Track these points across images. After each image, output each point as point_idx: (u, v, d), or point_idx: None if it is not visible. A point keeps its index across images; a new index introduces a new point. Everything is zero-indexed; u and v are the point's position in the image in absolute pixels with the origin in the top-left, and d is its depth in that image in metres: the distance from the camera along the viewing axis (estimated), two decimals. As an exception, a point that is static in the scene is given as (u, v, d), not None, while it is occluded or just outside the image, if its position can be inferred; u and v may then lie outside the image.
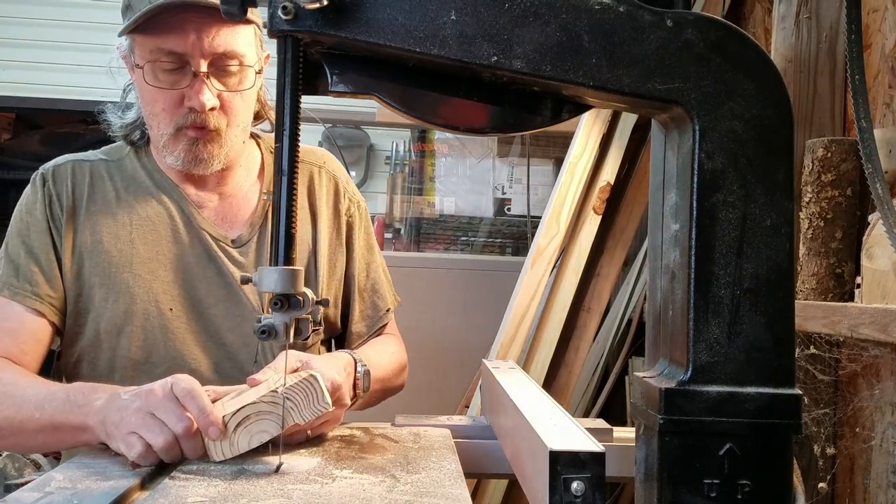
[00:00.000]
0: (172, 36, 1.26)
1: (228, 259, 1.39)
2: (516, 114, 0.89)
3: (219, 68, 1.29)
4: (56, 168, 1.41)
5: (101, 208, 1.38)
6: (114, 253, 1.35)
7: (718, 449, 0.77)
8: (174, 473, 0.94)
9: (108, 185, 1.40)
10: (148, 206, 1.39)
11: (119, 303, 1.33)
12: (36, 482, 0.90)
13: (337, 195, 1.53)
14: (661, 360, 0.86)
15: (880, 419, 1.44)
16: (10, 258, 1.34)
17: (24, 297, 1.31)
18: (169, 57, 1.27)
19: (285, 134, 0.86)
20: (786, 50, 1.74)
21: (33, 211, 1.37)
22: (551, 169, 3.24)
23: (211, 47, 1.27)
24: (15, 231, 1.37)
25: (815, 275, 1.50)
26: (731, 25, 0.81)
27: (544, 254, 2.25)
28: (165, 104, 1.30)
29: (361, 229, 1.55)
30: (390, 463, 0.99)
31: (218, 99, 1.30)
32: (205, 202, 1.42)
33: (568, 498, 0.76)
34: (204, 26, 1.25)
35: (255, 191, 1.47)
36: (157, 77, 1.29)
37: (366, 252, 1.55)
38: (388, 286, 1.58)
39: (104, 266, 1.35)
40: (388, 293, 1.57)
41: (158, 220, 1.38)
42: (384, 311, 1.54)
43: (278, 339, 0.90)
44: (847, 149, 1.50)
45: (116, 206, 1.38)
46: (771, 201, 0.79)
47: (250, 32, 1.34)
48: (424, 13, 0.80)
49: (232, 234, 1.42)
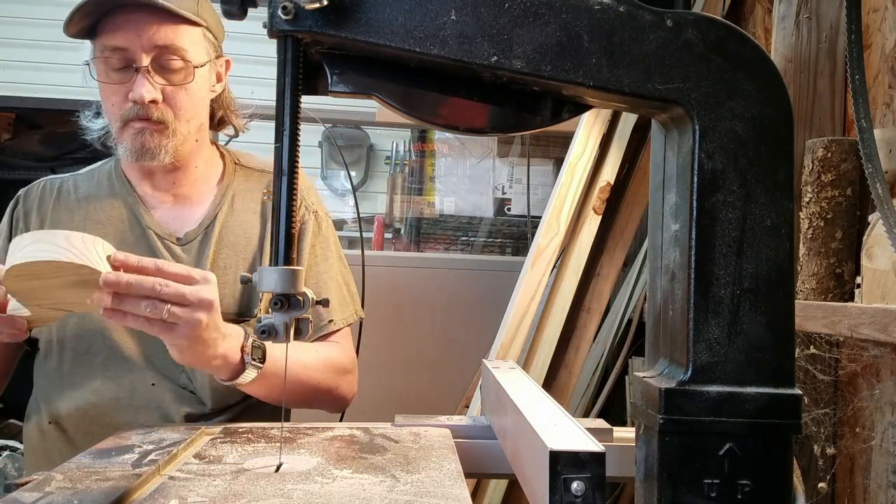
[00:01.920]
0: (117, 34, 1.35)
1: (170, 255, 1.46)
2: (516, 114, 0.89)
3: (161, 64, 1.37)
4: (30, 188, 1.54)
5: (62, 217, 1.48)
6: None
7: (718, 449, 0.77)
8: (174, 473, 0.94)
9: (72, 196, 1.51)
10: (101, 210, 1.49)
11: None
12: (36, 482, 0.90)
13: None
14: (661, 360, 0.86)
15: (880, 419, 1.44)
16: None
17: None
18: (115, 54, 1.36)
19: (285, 134, 0.86)
20: (786, 50, 1.74)
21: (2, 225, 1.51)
22: (551, 169, 3.24)
23: (151, 41, 1.35)
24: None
25: (815, 275, 1.50)
26: (732, 25, 0.81)
27: (544, 254, 2.24)
28: (114, 100, 1.39)
29: (312, 237, 1.54)
30: (390, 463, 0.99)
31: (161, 93, 1.38)
32: (158, 203, 1.51)
33: (568, 498, 0.76)
34: (145, 23, 1.35)
35: (210, 195, 1.54)
36: (108, 75, 1.38)
37: (319, 261, 1.54)
38: (338, 298, 1.55)
39: None
40: (339, 306, 1.54)
41: (109, 222, 1.47)
42: (326, 321, 1.51)
43: (278, 338, 0.91)
44: (847, 149, 1.49)
45: (75, 214, 1.49)
46: (771, 201, 0.79)
47: (197, 34, 1.42)
48: (424, 13, 0.80)
49: (179, 232, 1.49)
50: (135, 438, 1.11)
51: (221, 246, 1.48)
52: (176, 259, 1.45)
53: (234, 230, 1.50)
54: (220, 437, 1.13)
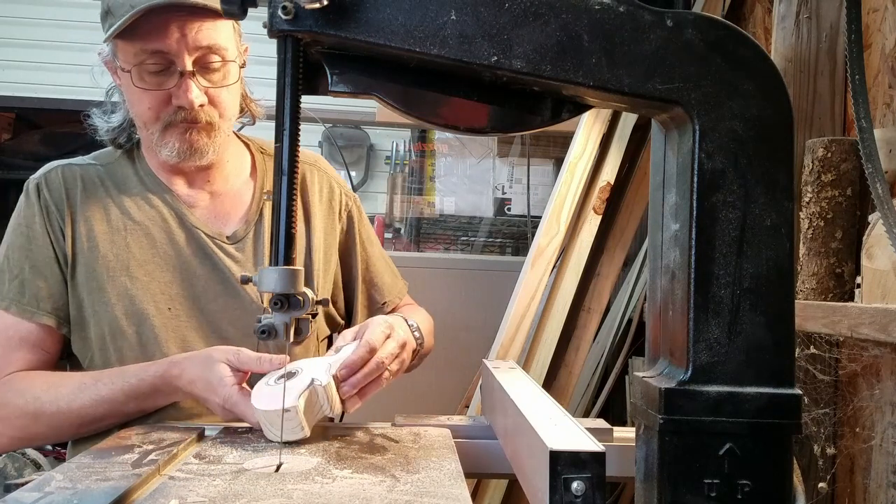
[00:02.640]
0: (156, 37, 1.28)
1: (225, 255, 1.41)
2: (516, 114, 0.89)
3: (203, 66, 1.32)
4: (47, 176, 1.42)
5: (95, 213, 1.39)
6: (110, 258, 1.37)
7: (718, 449, 0.77)
8: (174, 473, 0.94)
9: (100, 189, 1.42)
10: (140, 209, 1.41)
11: (118, 306, 1.35)
12: (36, 482, 0.89)
13: (332, 192, 1.56)
14: (661, 359, 0.86)
15: (880, 419, 1.44)
16: (14, 273, 1.36)
17: (33, 313, 1.34)
18: (154, 58, 1.29)
19: (285, 134, 0.86)
20: (786, 50, 1.74)
21: (32, 225, 1.38)
22: (551, 169, 3.24)
23: (195, 42, 1.29)
24: (17, 245, 1.38)
25: (815, 275, 1.50)
26: (732, 25, 0.81)
27: (544, 254, 2.24)
28: (152, 104, 1.33)
29: (360, 224, 1.59)
30: (390, 463, 0.99)
31: (206, 95, 1.33)
32: (196, 201, 1.45)
33: (568, 498, 0.76)
34: (186, 24, 1.28)
35: (248, 189, 1.50)
36: (144, 79, 1.31)
37: (367, 245, 1.59)
38: (388, 276, 1.63)
39: (102, 271, 1.36)
40: (388, 284, 1.62)
41: (152, 222, 1.40)
42: (380, 304, 1.60)
43: (278, 338, 0.91)
44: (847, 149, 1.49)
45: (110, 211, 1.40)
46: (771, 201, 0.79)
47: (229, 27, 1.37)
48: (424, 13, 0.80)
49: (227, 230, 1.45)
50: (135, 438, 1.11)
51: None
52: (232, 259, 1.42)
53: None
54: (220, 438, 1.13)
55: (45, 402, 1.26)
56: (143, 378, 1.25)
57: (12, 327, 1.34)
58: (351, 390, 1.16)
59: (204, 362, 1.20)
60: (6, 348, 1.33)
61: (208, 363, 1.20)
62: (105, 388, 1.26)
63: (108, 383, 1.26)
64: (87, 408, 1.25)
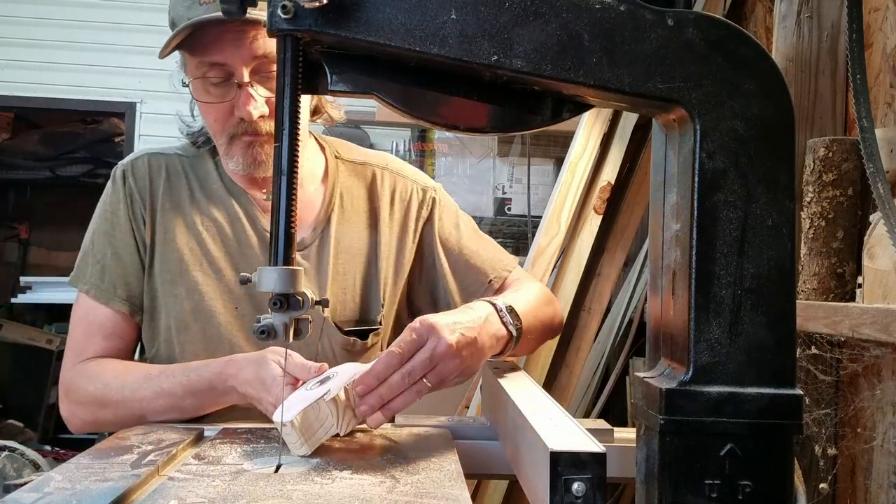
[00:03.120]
0: (213, 49, 1.28)
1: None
2: (517, 113, 0.88)
3: (262, 75, 1.31)
4: (134, 163, 1.44)
5: (174, 206, 1.41)
6: (185, 251, 1.38)
7: (719, 449, 0.77)
8: (173, 474, 0.94)
9: (182, 182, 1.43)
10: (217, 208, 1.42)
11: (187, 300, 1.37)
12: (35, 483, 0.89)
13: (405, 193, 1.52)
14: (662, 360, 0.85)
15: (881, 419, 1.44)
16: (97, 258, 1.39)
17: (110, 299, 1.37)
18: (214, 70, 1.30)
19: (285, 134, 0.85)
20: (787, 49, 1.74)
21: (117, 211, 1.41)
22: (552, 168, 3.24)
23: (251, 52, 1.28)
24: (102, 230, 1.41)
25: (817, 275, 1.50)
26: (733, 24, 0.80)
27: (545, 253, 2.24)
28: (216, 116, 1.33)
29: (443, 211, 1.54)
30: (390, 463, 0.99)
31: (266, 105, 1.31)
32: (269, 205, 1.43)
33: (569, 498, 0.76)
34: (241, 35, 1.27)
35: (319, 195, 1.47)
36: (207, 91, 1.32)
37: (454, 230, 1.53)
38: (488, 253, 1.53)
39: (175, 263, 1.38)
40: (489, 261, 1.51)
41: (226, 221, 1.41)
42: (485, 283, 1.49)
43: (278, 339, 0.90)
44: (848, 148, 1.49)
45: (189, 205, 1.42)
46: (772, 201, 0.79)
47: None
48: (424, 12, 0.80)
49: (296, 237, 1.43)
50: (134, 439, 1.10)
51: (339, 251, 1.44)
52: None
53: (347, 233, 1.46)
54: (219, 438, 1.13)
55: (112, 390, 1.28)
56: (201, 374, 1.25)
57: (92, 312, 1.37)
58: (367, 407, 1.07)
59: (258, 362, 1.20)
60: (86, 332, 1.37)
61: (262, 363, 1.19)
62: (166, 381, 1.26)
63: (170, 376, 1.26)
64: (148, 399, 1.26)
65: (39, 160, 5.61)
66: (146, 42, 4.72)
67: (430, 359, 1.09)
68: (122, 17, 4.73)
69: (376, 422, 1.08)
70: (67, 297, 5.69)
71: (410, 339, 1.10)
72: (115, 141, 5.54)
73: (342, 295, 1.42)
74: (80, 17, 4.79)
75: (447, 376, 1.12)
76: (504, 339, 1.24)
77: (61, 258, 6.12)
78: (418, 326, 1.12)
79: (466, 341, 1.13)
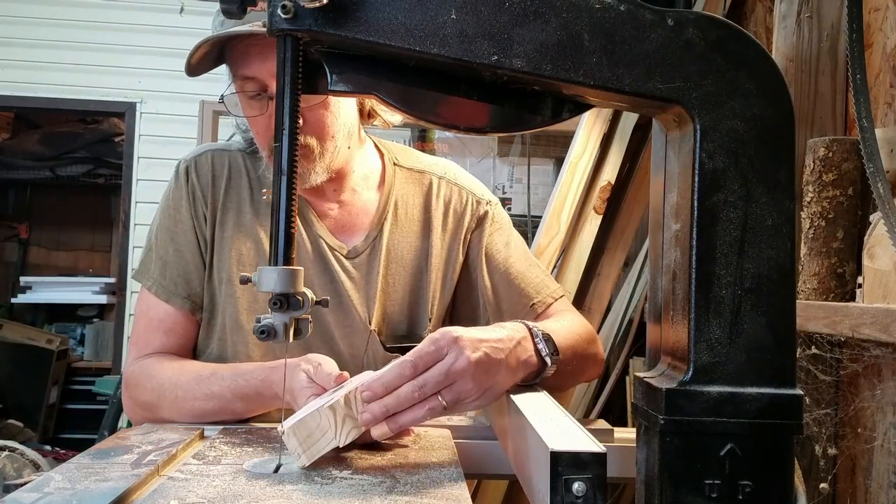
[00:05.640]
0: (244, 63, 1.28)
1: (342, 269, 1.39)
2: (517, 113, 0.88)
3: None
4: (197, 160, 1.43)
5: (235, 205, 1.41)
6: (243, 251, 1.38)
7: (719, 449, 0.77)
8: (173, 474, 0.94)
9: (244, 180, 1.42)
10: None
11: (242, 300, 1.36)
12: (35, 482, 0.89)
13: (459, 203, 1.49)
14: (662, 360, 0.85)
15: (882, 419, 1.44)
16: (159, 254, 1.39)
17: (171, 296, 1.37)
18: (249, 84, 1.29)
19: (284, 133, 0.86)
20: (787, 49, 1.74)
21: (179, 208, 1.40)
22: (552, 168, 3.23)
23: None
24: (164, 226, 1.41)
25: (817, 275, 1.50)
26: (733, 24, 0.81)
27: (545, 253, 2.24)
28: (258, 129, 1.33)
29: (495, 227, 1.49)
30: (390, 463, 0.99)
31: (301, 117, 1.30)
32: (325, 210, 1.43)
33: (569, 498, 0.75)
34: (266, 48, 1.25)
35: (373, 201, 1.45)
36: (248, 105, 1.31)
37: (504, 248, 1.48)
38: (535, 276, 1.46)
39: (233, 263, 1.37)
40: (535, 283, 1.45)
41: None
42: (528, 305, 1.42)
43: (278, 339, 0.90)
44: (848, 148, 1.49)
45: (248, 204, 1.41)
46: (772, 201, 0.79)
47: None
48: (424, 12, 0.80)
49: (348, 244, 1.42)
50: (134, 439, 1.10)
51: (390, 261, 1.42)
52: (347, 274, 1.39)
53: (400, 243, 1.43)
54: (219, 438, 1.13)
55: (166, 389, 1.28)
56: (249, 379, 1.24)
57: (153, 308, 1.37)
58: (370, 416, 0.99)
59: (291, 371, 1.17)
60: (147, 328, 1.38)
61: (294, 372, 1.17)
62: (216, 384, 1.25)
63: (220, 379, 1.25)
64: (199, 400, 1.25)
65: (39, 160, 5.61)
66: (146, 42, 4.73)
67: (445, 374, 0.99)
68: (122, 17, 4.74)
69: (380, 432, 1.00)
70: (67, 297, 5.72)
71: (428, 350, 1.01)
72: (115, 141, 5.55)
73: (391, 307, 1.40)
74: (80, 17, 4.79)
75: (465, 397, 1.01)
76: (535, 367, 1.13)
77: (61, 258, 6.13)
78: (439, 338, 1.02)
79: (490, 362, 1.03)
